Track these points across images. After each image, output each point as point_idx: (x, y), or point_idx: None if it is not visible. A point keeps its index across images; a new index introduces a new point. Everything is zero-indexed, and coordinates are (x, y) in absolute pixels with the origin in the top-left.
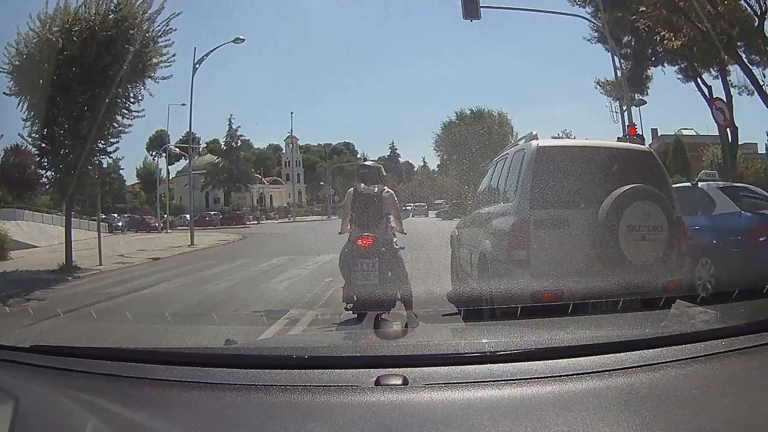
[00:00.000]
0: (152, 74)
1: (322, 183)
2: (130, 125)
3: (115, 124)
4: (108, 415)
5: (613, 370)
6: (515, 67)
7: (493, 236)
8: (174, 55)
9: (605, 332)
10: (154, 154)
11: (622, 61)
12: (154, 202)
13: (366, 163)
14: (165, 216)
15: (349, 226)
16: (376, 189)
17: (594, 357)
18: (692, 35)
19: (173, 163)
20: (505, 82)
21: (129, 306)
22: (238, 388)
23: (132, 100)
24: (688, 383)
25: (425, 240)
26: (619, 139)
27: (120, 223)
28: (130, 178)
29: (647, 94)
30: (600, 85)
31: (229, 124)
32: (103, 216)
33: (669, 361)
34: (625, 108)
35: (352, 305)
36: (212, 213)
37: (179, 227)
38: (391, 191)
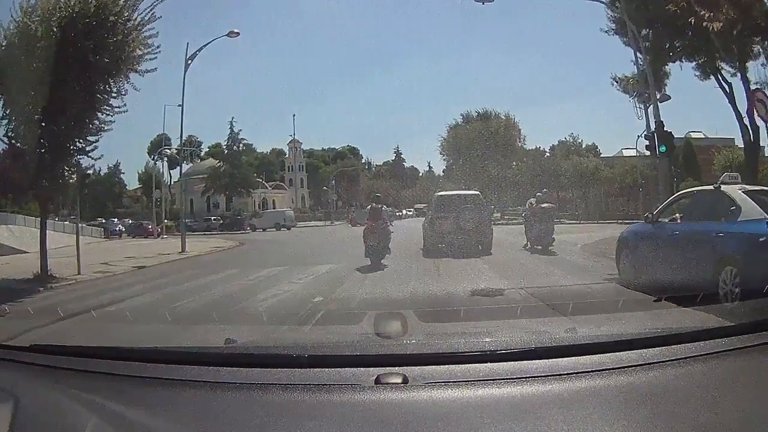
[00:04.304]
0: (136, 67)
1: (325, 188)
2: (111, 122)
3: (96, 121)
4: (108, 415)
5: (612, 368)
6: (524, 67)
7: (429, 222)
8: (159, 47)
9: (605, 331)
10: (155, 158)
11: (639, 55)
12: (155, 207)
13: (377, 195)
14: (165, 221)
15: (367, 221)
16: (381, 206)
17: (594, 356)
18: (733, 16)
19: (174, 168)
20: (514, 82)
21: (83, 328)
22: (238, 388)
23: (114, 94)
24: (687, 382)
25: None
26: (645, 137)
27: (117, 228)
28: (132, 182)
29: (665, 91)
30: (617, 81)
31: (230, 128)
32: (103, 221)
33: (669, 360)
34: (650, 103)
35: (369, 255)
36: (213, 219)
37: (178, 233)
38: (386, 207)
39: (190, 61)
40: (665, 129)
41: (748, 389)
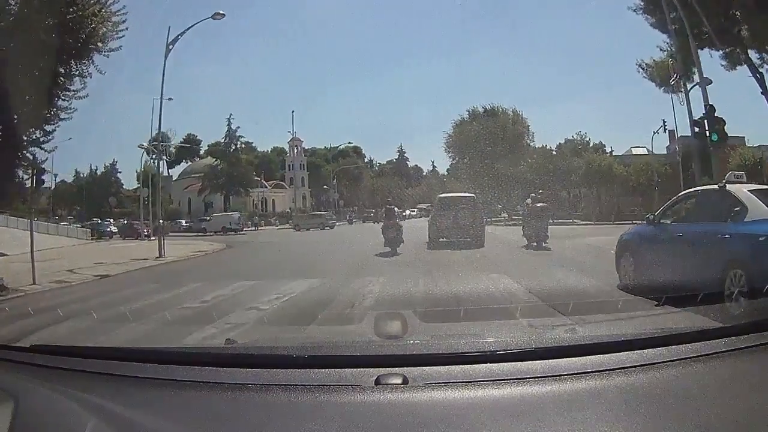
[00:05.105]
0: (101, 46)
1: (325, 186)
2: (71, 110)
3: (54, 109)
4: (108, 415)
5: (612, 369)
6: (529, 66)
7: (432, 220)
8: (125, 21)
9: (605, 332)
10: (154, 156)
11: (667, 41)
12: (154, 206)
13: (389, 199)
14: (160, 221)
15: (383, 218)
16: (393, 207)
17: (593, 356)
18: None
19: (174, 167)
20: (519, 81)
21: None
22: (238, 388)
23: (77, 76)
24: (687, 383)
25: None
26: (694, 123)
27: (109, 229)
28: (131, 181)
29: (692, 80)
30: (642, 68)
31: (228, 125)
32: (98, 221)
33: (669, 361)
34: (693, 86)
35: (388, 245)
36: (208, 219)
37: (172, 233)
38: (395, 208)
39: (171, 46)
40: (716, 114)
41: (749, 389)
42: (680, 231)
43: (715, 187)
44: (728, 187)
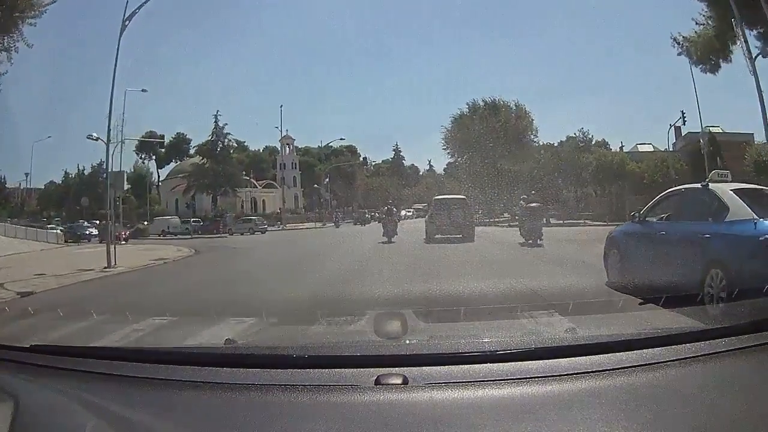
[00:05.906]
0: (27, 15)
1: (316, 186)
2: None
3: None
4: (108, 415)
5: (612, 369)
6: (528, 63)
7: (429, 219)
8: None
9: (605, 332)
10: (143, 156)
11: (704, 12)
12: (145, 207)
13: (389, 201)
14: (135, 225)
15: (384, 215)
16: (393, 208)
17: (593, 356)
18: None
19: (163, 166)
20: (518, 78)
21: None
22: (238, 388)
23: (1, 50)
24: (687, 383)
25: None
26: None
27: (88, 231)
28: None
29: (731, 61)
30: (678, 43)
31: (215, 122)
32: (84, 222)
33: (668, 361)
34: (758, 55)
35: (386, 235)
36: (192, 221)
37: (153, 236)
38: (394, 208)
39: (127, 22)
40: None
41: (748, 389)
42: (663, 229)
43: (698, 185)
44: (711, 186)
